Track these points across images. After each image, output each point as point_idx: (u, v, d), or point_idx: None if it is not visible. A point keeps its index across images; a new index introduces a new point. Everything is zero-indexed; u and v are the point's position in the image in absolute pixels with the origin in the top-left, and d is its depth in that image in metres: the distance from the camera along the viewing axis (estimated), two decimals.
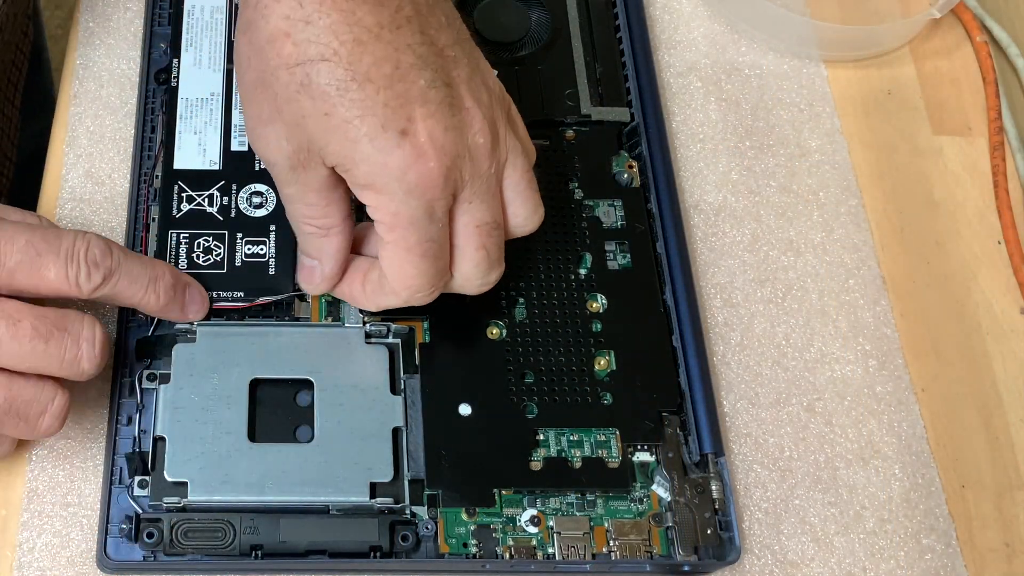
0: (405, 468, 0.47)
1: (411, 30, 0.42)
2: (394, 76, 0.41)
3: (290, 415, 0.48)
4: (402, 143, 0.41)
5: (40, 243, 0.42)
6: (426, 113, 0.41)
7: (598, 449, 0.49)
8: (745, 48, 0.62)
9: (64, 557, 0.46)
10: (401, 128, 0.41)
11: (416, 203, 0.42)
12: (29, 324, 0.42)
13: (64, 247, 0.43)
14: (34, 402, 0.43)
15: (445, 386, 0.49)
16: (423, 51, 0.42)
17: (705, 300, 0.55)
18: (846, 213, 0.58)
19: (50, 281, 0.43)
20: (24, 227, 0.43)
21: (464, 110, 0.43)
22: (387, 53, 0.41)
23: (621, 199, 0.54)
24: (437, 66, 0.42)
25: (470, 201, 0.44)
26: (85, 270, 0.43)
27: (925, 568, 0.50)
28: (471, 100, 0.43)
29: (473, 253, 0.45)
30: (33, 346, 0.42)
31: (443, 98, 0.42)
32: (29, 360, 0.42)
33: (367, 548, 0.46)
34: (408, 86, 0.41)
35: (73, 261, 0.43)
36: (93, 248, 0.43)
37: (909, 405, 0.53)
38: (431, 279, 0.45)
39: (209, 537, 0.45)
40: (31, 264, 0.42)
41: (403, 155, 0.41)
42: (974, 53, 0.64)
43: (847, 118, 0.61)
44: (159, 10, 0.57)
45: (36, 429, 0.44)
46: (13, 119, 0.70)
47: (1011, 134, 0.61)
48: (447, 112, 0.42)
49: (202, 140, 0.53)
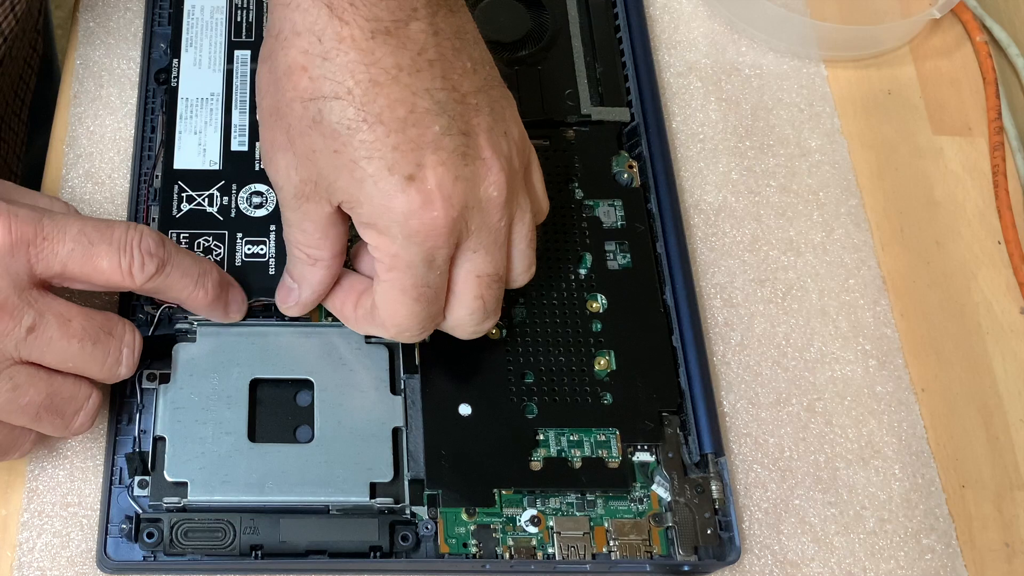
0: (405, 468, 0.47)
1: (432, 74, 0.41)
2: (408, 120, 0.40)
3: (290, 415, 0.48)
4: (408, 188, 0.41)
5: (93, 232, 0.42)
6: (437, 160, 0.41)
7: (598, 449, 0.49)
8: (745, 48, 0.62)
9: (64, 557, 0.46)
10: (408, 173, 0.40)
11: (416, 249, 0.42)
12: (79, 324, 0.42)
13: (117, 236, 0.42)
14: (72, 400, 0.44)
15: (445, 386, 0.49)
16: (442, 96, 0.41)
17: (705, 300, 0.55)
18: (846, 213, 0.58)
19: (103, 271, 0.42)
20: (76, 216, 0.43)
21: (480, 160, 0.42)
22: (403, 96, 0.40)
23: (621, 199, 0.54)
24: (456, 113, 0.41)
25: (475, 251, 0.43)
26: (139, 260, 0.43)
27: (925, 568, 0.50)
28: (489, 151, 0.42)
29: (470, 302, 0.44)
30: (82, 347, 0.42)
31: (457, 146, 0.41)
32: (75, 360, 0.43)
33: (367, 548, 0.46)
34: (422, 131, 0.41)
35: (127, 251, 0.42)
36: (147, 238, 0.43)
37: (909, 405, 0.53)
38: (421, 322, 0.44)
39: (209, 537, 0.45)
40: (84, 253, 0.42)
41: (408, 200, 0.41)
42: (974, 53, 0.64)
43: (847, 118, 0.61)
44: (159, 10, 0.57)
45: (70, 427, 0.44)
46: (20, 133, 0.70)
47: (1011, 134, 0.61)
48: (459, 161, 0.41)
49: (202, 140, 0.53)
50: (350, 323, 0.48)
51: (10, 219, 0.41)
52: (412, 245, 0.41)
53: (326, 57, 0.41)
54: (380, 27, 0.41)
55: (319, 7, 0.41)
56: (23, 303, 0.41)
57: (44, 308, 0.42)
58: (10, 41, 0.63)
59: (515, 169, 0.44)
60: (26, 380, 0.42)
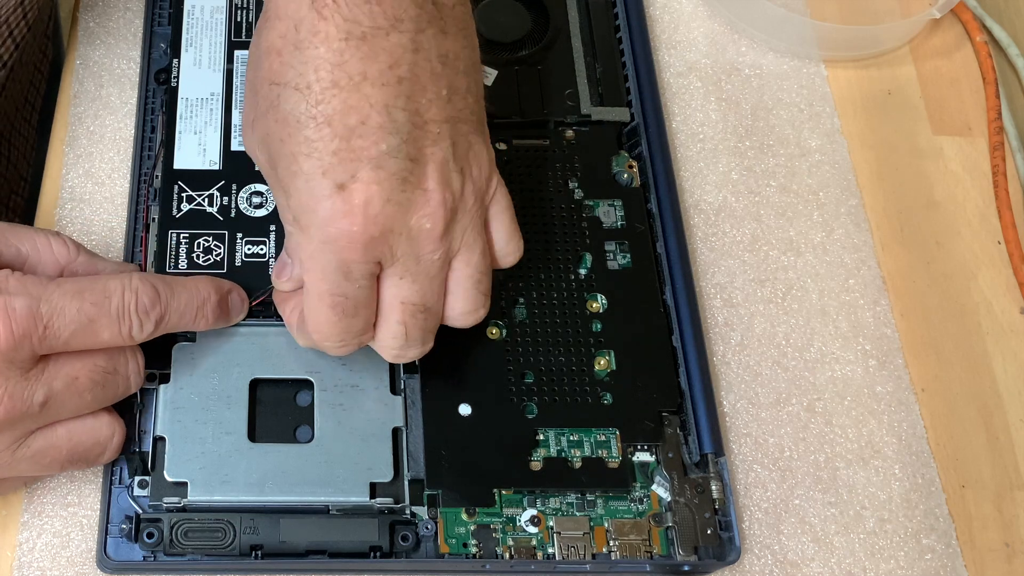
0: (405, 468, 0.47)
1: (397, 92, 0.40)
2: (356, 130, 0.40)
3: (290, 415, 0.48)
4: (334, 195, 0.40)
5: (90, 308, 0.42)
6: (373, 178, 0.40)
7: (598, 449, 0.49)
8: (745, 48, 0.62)
9: (64, 557, 0.46)
10: (340, 182, 0.40)
11: (331, 257, 0.41)
12: (87, 377, 0.43)
13: (114, 305, 0.43)
14: (95, 446, 0.45)
15: (445, 386, 0.49)
16: (400, 117, 0.40)
17: (705, 300, 0.55)
18: (846, 213, 0.58)
19: (105, 342, 0.43)
20: (71, 292, 0.42)
21: (420, 191, 0.41)
22: (359, 105, 0.40)
23: (621, 199, 0.54)
24: (409, 137, 0.40)
25: (400, 277, 0.42)
26: (138, 323, 0.43)
27: (925, 568, 0.50)
28: (434, 183, 0.41)
29: (392, 325, 0.43)
30: (93, 394, 0.43)
31: (399, 170, 0.40)
32: (90, 407, 0.44)
33: (367, 548, 0.46)
34: (367, 145, 0.40)
35: (125, 318, 0.43)
36: (142, 297, 0.43)
37: (909, 405, 0.53)
38: (340, 334, 0.43)
39: (209, 537, 0.45)
40: (85, 332, 0.42)
41: (331, 207, 0.40)
42: (974, 53, 0.64)
43: (847, 118, 0.61)
44: (159, 10, 0.57)
45: (97, 463, 0.46)
46: (30, 139, 0.71)
47: (1011, 134, 0.61)
48: (397, 185, 0.40)
49: (202, 140, 0.53)
50: (293, 332, 0.47)
51: (9, 317, 0.40)
52: (327, 250, 0.41)
53: (298, 46, 0.40)
54: (356, 31, 0.40)
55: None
56: (32, 383, 0.41)
57: (51, 378, 0.42)
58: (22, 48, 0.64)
59: (466, 208, 0.42)
60: (45, 444, 0.43)
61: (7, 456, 0.42)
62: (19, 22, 0.61)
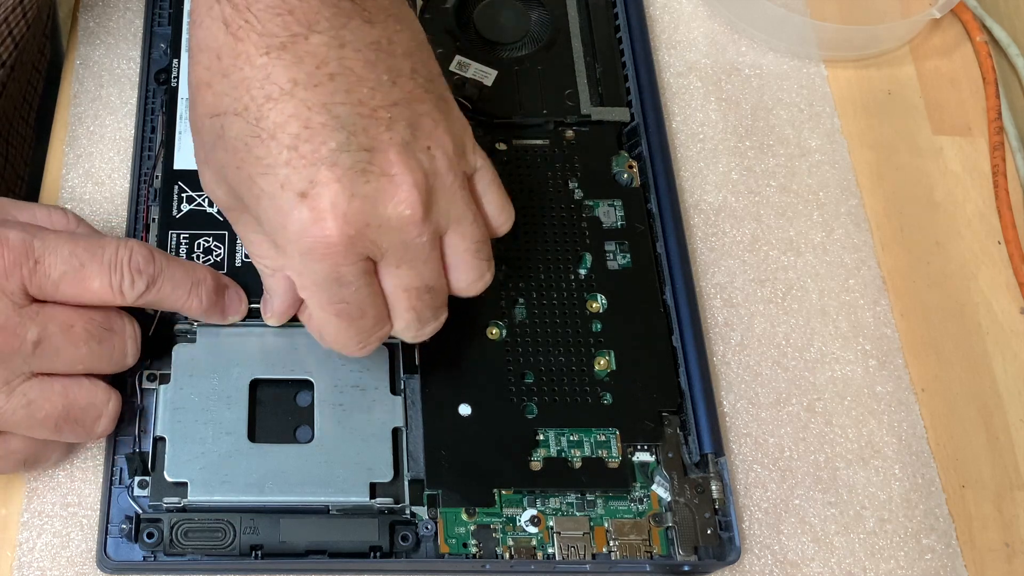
0: (405, 468, 0.47)
1: (332, 88, 0.39)
2: (301, 136, 0.39)
3: (290, 415, 0.48)
4: (299, 205, 0.39)
5: (83, 253, 0.42)
6: (332, 177, 0.39)
7: (598, 449, 0.49)
8: (745, 48, 0.62)
9: (64, 557, 0.46)
10: (300, 190, 0.39)
11: (317, 267, 0.40)
12: (82, 328, 0.43)
13: (107, 256, 0.43)
14: (90, 407, 0.44)
15: (445, 386, 0.49)
16: (342, 111, 0.39)
17: (705, 300, 0.55)
18: (846, 213, 0.58)
19: (94, 291, 0.43)
20: (66, 237, 0.43)
21: (386, 177, 0.40)
22: (297, 111, 0.39)
23: (621, 199, 0.54)
24: (357, 128, 0.39)
25: (397, 266, 0.42)
26: (129, 278, 0.43)
27: (925, 568, 0.50)
28: (400, 167, 0.40)
29: (403, 313, 0.43)
30: (89, 348, 0.43)
31: (356, 162, 0.39)
32: (84, 362, 0.43)
33: (367, 548, 0.46)
34: (315, 147, 0.39)
35: (117, 270, 0.43)
36: (136, 255, 0.43)
37: (909, 405, 0.53)
38: (355, 337, 0.43)
39: (209, 537, 0.45)
40: (75, 275, 0.42)
41: (300, 218, 0.39)
42: (974, 53, 0.64)
43: (847, 118, 0.61)
44: (159, 10, 0.57)
45: (92, 433, 0.45)
46: (27, 138, 0.71)
47: (1011, 134, 0.61)
48: (359, 178, 0.39)
49: None
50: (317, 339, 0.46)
51: (1, 245, 0.41)
52: (310, 263, 0.40)
53: (225, 74, 0.40)
54: (275, 43, 0.39)
55: (217, 24, 0.40)
56: (25, 319, 0.41)
57: (46, 320, 0.42)
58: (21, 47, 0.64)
59: (444, 184, 0.41)
60: (40, 394, 0.43)
61: (1, 399, 0.42)
62: (18, 21, 0.61)
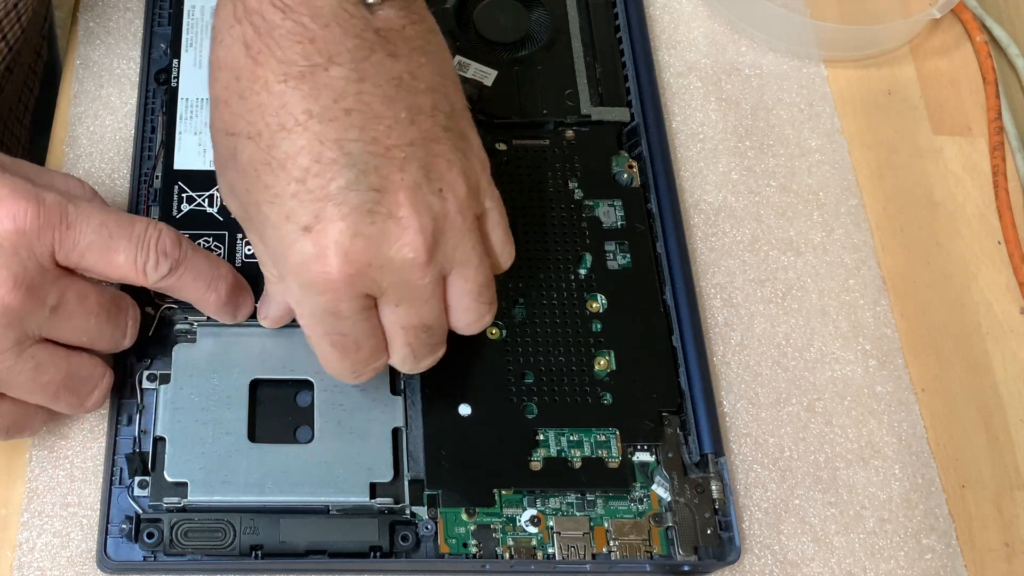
0: (405, 468, 0.47)
1: (347, 124, 0.39)
2: (310, 170, 0.39)
3: (290, 415, 0.48)
4: (303, 239, 0.39)
5: (114, 226, 0.42)
6: (338, 215, 0.39)
7: (598, 449, 0.49)
8: (745, 48, 0.62)
9: (64, 557, 0.46)
10: (305, 224, 0.39)
11: (316, 300, 0.40)
12: (95, 301, 0.43)
13: (136, 233, 0.43)
14: (89, 379, 0.45)
15: (445, 386, 0.49)
16: (355, 148, 0.39)
17: (705, 300, 0.55)
18: (846, 213, 0.58)
19: (119, 265, 0.43)
20: (99, 207, 0.43)
21: (393, 220, 0.39)
22: (309, 144, 0.39)
23: (621, 199, 0.54)
24: (369, 167, 0.39)
25: (396, 304, 0.41)
26: (154, 259, 0.43)
27: (925, 568, 0.50)
28: (408, 209, 0.39)
29: (399, 349, 0.43)
30: (97, 322, 0.43)
31: (363, 202, 0.39)
32: (89, 334, 0.43)
33: (367, 548, 0.46)
34: (324, 183, 0.39)
35: (143, 248, 0.43)
36: (164, 237, 0.43)
37: (909, 405, 0.53)
38: (350, 367, 0.43)
39: (209, 537, 0.45)
40: (103, 246, 0.42)
41: (301, 251, 0.39)
42: (974, 53, 0.64)
43: (847, 118, 0.61)
44: (159, 10, 0.57)
45: (85, 404, 0.45)
46: (22, 139, 0.71)
47: (1011, 134, 0.61)
48: (365, 218, 0.39)
49: (202, 140, 0.53)
50: None
51: (38, 204, 0.41)
52: (309, 295, 0.40)
53: (242, 95, 0.40)
54: (293, 71, 0.39)
55: (237, 45, 0.40)
56: (47, 283, 0.41)
57: (65, 287, 0.42)
58: (16, 49, 0.64)
59: (454, 227, 0.41)
60: (47, 359, 0.43)
61: (10, 360, 0.42)
62: (13, 24, 0.61)
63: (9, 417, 0.44)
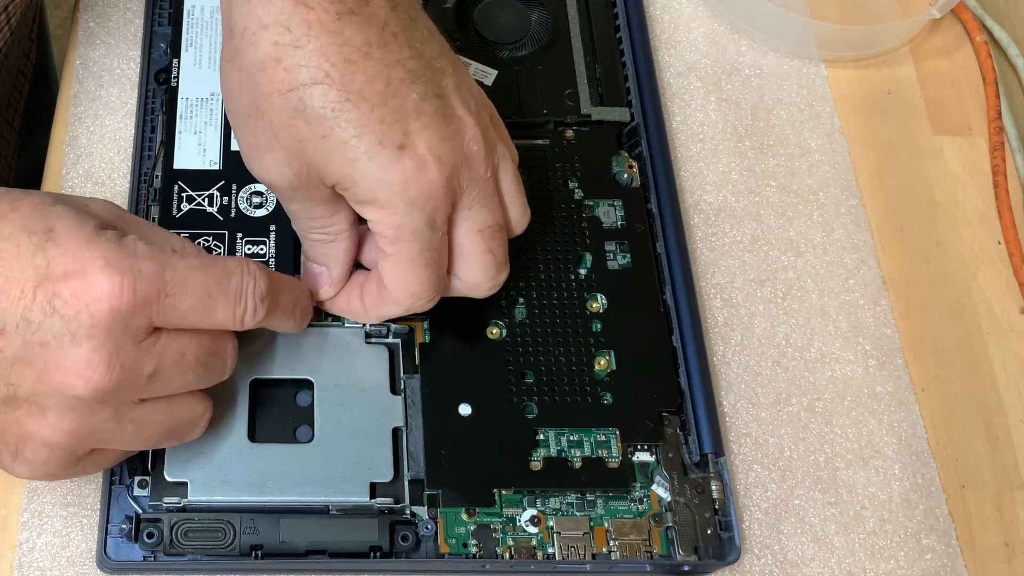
0: (405, 468, 0.47)
1: (399, 45, 0.42)
2: (387, 92, 0.41)
3: (290, 415, 0.48)
4: (401, 157, 0.42)
5: (212, 285, 0.41)
6: (422, 126, 0.42)
7: (598, 449, 0.49)
8: (745, 48, 0.62)
9: (64, 557, 0.46)
10: (399, 143, 0.42)
11: (419, 215, 0.43)
12: (193, 357, 0.42)
13: (233, 287, 0.42)
14: (190, 420, 0.43)
15: (445, 386, 0.49)
16: (413, 65, 0.42)
17: (705, 300, 0.55)
18: (846, 213, 0.58)
19: (218, 321, 0.42)
20: (194, 264, 0.41)
21: (457, 119, 0.43)
22: (378, 70, 0.41)
23: (621, 199, 0.54)
24: (427, 79, 0.43)
25: (470, 208, 0.44)
26: (252, 309, 0.42)
27: (925, 568, 0.50)
28: (462, 109, 0.44)
29: (480, 257, 0.45)
30: (195, 374, 0.42)
31: (436, 109, 0.42)
32: (190, 386, 0.43)
33: (367, 548, 0.46)
34: (402, 101, 0.42)
35: (241, 301, 0.42)
36: (260, 283, 0.42)
37: (909, 405, 0.53)
38: (433, 286, 0.45)
39: (209, 537, 0.45)
40: (203, 307, 0.41)
41: (403, 169, 0.42)
42: (974, 53, 0.64)
43: (847, 118, 0.61)
44: (159, 10, 0.57)
45: (186, 440, 0.44)
46: (12, 142, 0.70)
47: (1011, 134, 0.61)
48: (442, 123, 0.42)
49: (202, 140, 0.53)
50: (360, 316, 0.48)
51: (135, 279, 0.39)
52: (415, 211, 0.42)
53: (297, 45, 0.41)
54: (344, 8, 0.41)
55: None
56: (143, 355, 0.40)
57: (162, 352, 0.41)
58: (4, 51, 0.64)
59: (486, 122, 0.45)
60: (148, 417, 0.42)
61: (111, 425, 0.40)
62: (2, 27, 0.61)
63: (114, 461, 0.44)
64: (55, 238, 0.38)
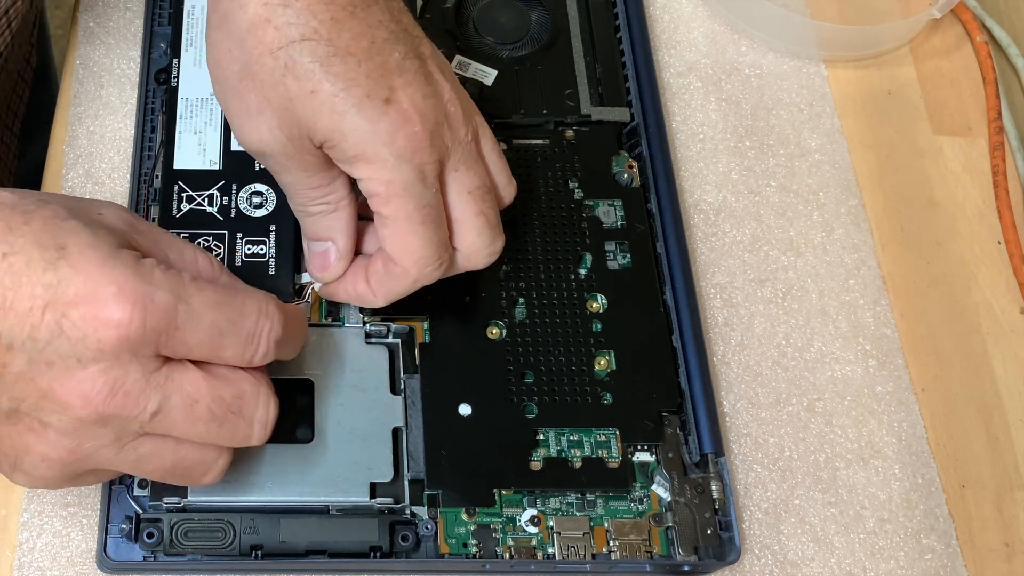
0: (405, 468, 0.47)
1: (379, 9, 0.44)
2: (371, 49, 0.43)
3: (290, 415, 0.48)
4: (387, 110, 0.43)
5: (224, 323, 0.40)
6: (405, 82, 0.43)
7: (598, 449, 0.49)
8: (745, 48, 0.62)
9: (64, 557, 0.46)
10: (384, 96, 0.43)
11: (407, 167, 0.43)
12: (206, 407, 0.40)
13: (247, 329, 0.40)
14: (199, 464, 0.42)
15: (445, 386, 0.49)
16: (393, 27, 0.44)
17: (705, 300, 0.55)
18: (846, 213, 0.58)
19: (226, 359, 0.40)
20: (210, 301, 0.40)
21: (435, 81, 0.45)
22: (362, 29, 0.43)
23: (621, 199, 0.54)
24: (407, 41, 0.44)
25: (456, 169, 0.45)
26: (264, 352, 0.41)
27: (925, 568, 0.50)
28: (439, 73, 0.45)
29: (473, 219, 0.45)
30: (207, 427, 0.40)
31: (418, 68, 0.44)
32: (201, 439, 0.41)
33: (367, 548, 0.46)
34: (385, 58, 0.43)
35: (252, 342, 0.40)
36: (275, 326, 0.41)
37: (909, 405, 0.53)
38: (436, 248, 0.45)
39: (209, 537, 0.45)
40: (212, 344, 0.40)
41: (390, 121, 0.43)
42: (974, 53, 0.64)
43: (847, 118, 0.61)
44: (159, 10, 0.57)
45: (195, 484, 0.43)
46: (12, 146, 0.70)
47: (1011, 134, 0.61)
48: (423, 81, 0.44)
49: (202, 140, 0.53)
50: (368, 299, 0.47)
51: (145, 309, 0.38)
52: (403, 164, 0.43)
53: (286, 5, 0.42)
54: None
55: None
56: (149, 387, 0.39)
57: (171, 390, 0.39)
58: (4, 57, 0.63)
59: (461, 91, 0.46)
60: (151, 451, 0.40)
61: (110, 453, 0.40)
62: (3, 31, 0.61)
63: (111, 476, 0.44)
64: (67, 256, 0.37)
